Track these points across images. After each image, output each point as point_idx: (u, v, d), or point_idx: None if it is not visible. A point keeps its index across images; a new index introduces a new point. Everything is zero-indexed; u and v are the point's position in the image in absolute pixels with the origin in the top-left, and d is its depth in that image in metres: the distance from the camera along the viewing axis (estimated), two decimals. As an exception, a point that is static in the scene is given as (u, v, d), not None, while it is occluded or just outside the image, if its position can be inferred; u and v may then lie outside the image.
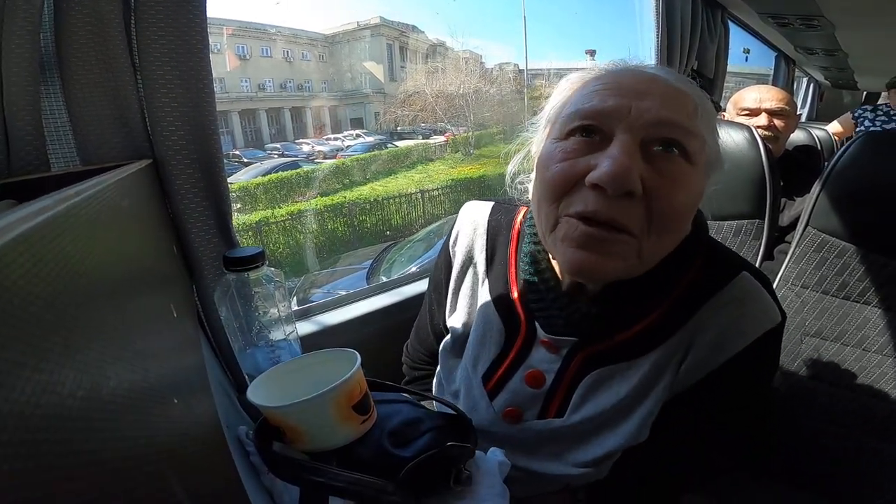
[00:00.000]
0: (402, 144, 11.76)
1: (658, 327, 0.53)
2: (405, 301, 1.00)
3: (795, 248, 0.84)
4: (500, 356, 0.60)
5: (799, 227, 0.84)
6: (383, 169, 10.23)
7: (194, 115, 0.59)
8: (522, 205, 0.64)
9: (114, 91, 0.56)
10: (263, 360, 0.62)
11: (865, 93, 4.19)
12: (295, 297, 3.19)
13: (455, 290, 0.67)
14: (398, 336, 0.84)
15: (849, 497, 0.79)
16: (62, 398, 0.18)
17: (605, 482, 0.57)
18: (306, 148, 12.01)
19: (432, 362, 0.74)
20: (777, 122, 1.31)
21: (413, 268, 2.72)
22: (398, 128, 13.02)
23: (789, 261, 0.85)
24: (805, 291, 0.83)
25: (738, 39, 2.29)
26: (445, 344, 0.67)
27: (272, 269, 0.61)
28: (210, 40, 0.60)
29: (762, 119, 1.31)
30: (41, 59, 0.53)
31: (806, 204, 0.83)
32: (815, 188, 0.81)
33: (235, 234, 0.67)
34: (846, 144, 0.79)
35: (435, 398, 0.62)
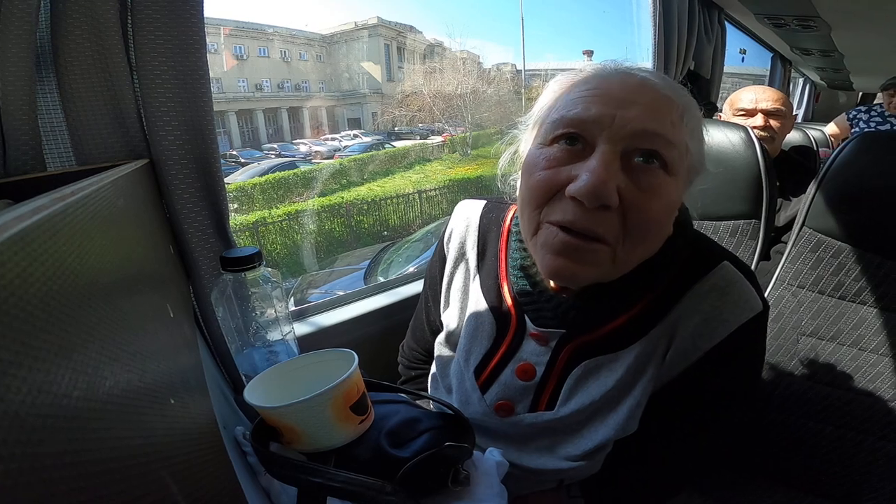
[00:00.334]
0: (400, 145, 11.77)
1: (642, 318, 0.54)
2: (403, 301, 1.00)
3: (791, 248, 0.85)
4: (492, 350, 0.61)
5: (795, 228, 0.85)
6: (381, 169, 10.23)
7: (191, 115, 0.59)
8: (513, 203, 0.65)
9: (110, 91, 0.56)
10: (261, 361, 0.61)
11: (861, 93, 4.21)
12: (292, 298, 3.19)
13: (448, 286, 0.68)
14: (396, 336, 0.83)
15: (846, 495, 0.79)
16: (57, 398, 0.18)
17: (599, 478, 0.58)
18: (303, 148, 12.00)
19: (428, 361, 0.74)
20: (773, 123, 1.32)
21: (410, 268, 2.72)
22: (396, 128, 13.03)
23: (785, 261, 0.86)
24: (801, 291, 0.84)
25: (735, 40, 2.30)
26: (440, 339, 0.69)
27: (269, 270, 0.61)
28: (207, 40, 0.60)
29: (758, 119, 1.31)
30: (37, 59, 0.52)
31: (802, 204, 0.83)
32: (811, 188, 0.82)
33: (232, 235, 0.67)
34: (842, 145, 0.80)
35: (432, 398, 0.62)
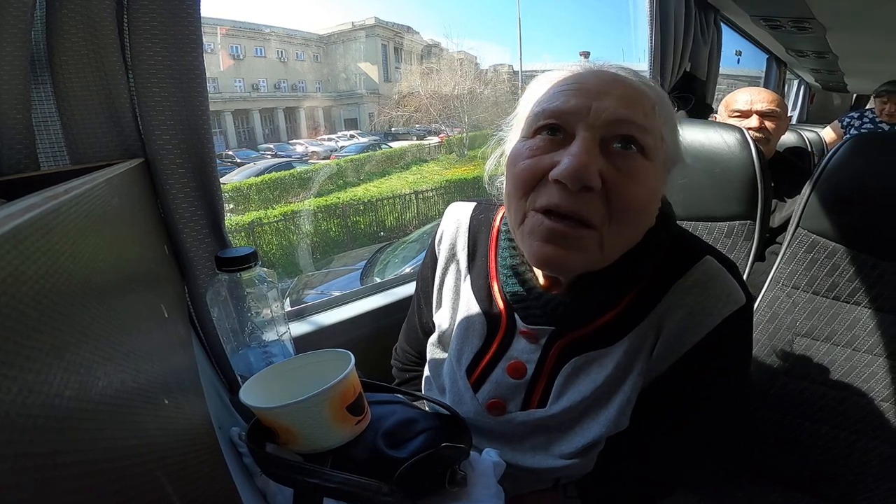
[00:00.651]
0: (397, 145, 11.75)
1: (629, 313, 0.55)
2: (399, 302, 1.00)
3: (786, 249, 0.85)
4: (483, 348, 0.61)
5: (790, 229, 0.85)
6: (377, 170, 10.22)
7: (187, 115, 0.59)
8: (502, 204, 0.66)
9: (105, 90, 0.55)
10: (256, 361, 0.61)
11: (855, 95, 4.23)
12: (288, 298, 3.17)
13: (440, 287, 0.69)
14: (392, 337, 0.83)
15: (841, 495, 0.80)
16: (49, 398, 0.18)
17: (595, 477, 0.58)
18: (300, 148, 11.96)
19: (421, 363, 0.74)
20: (768, 124, 1.32)
21: (407, 269, 2.72)
22: (392, 129, 13.01)
23: (780, 262, 0.86)
24: (796, 292, 0.84)
25: (731, 42, 2.31)
26: (432, 340, 0.69)
27: (265, 270, 0.60)
28: (204, 40, 0.60)
29: (753, 121, 1.32)
30: (32, 58, 0.52)
31: (796, 205, 0.84)
32: (806, 190, 0.82)
33: (228, 235, 0.66)
34: (836, 146, 0.80)
35: (429, 398, 0.62)
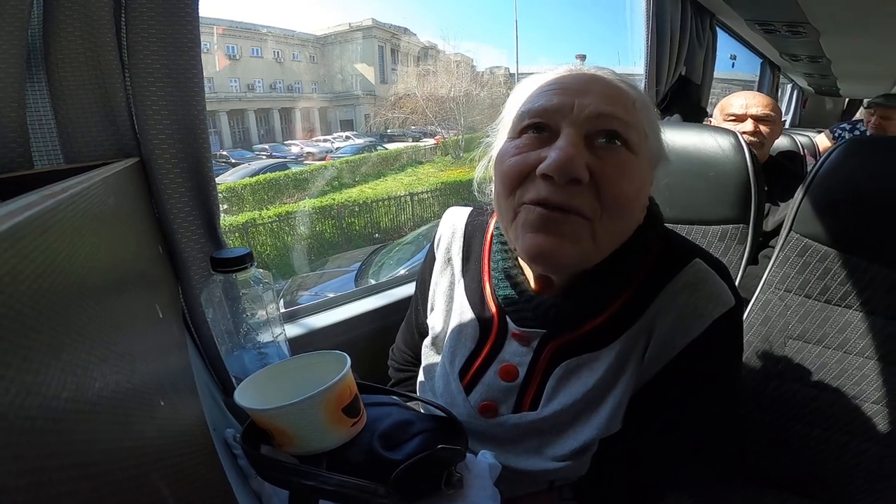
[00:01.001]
0: (392, 147, 11.75)
1: (620, 317, 0.55)
2: (394, 304, 0.99)
3: (779, 253, 0.86)
4: (475, 351, 0.62)
5: (782, 232, 0.86)
6: (373, 171, 10.21)
7: (183, 115, 0.58)
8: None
9: (101, 88, 0.55)
10: (251, 363, 0.61)
11: (847, 100, 4.28)
12: (283, 300, 3.16)
13: (435, 290, 0.70)
14: (388, 338, 0.83)
15: (832, 497, 0.80)
16: (47, 400, 0.18)
17: (590, 479, 0.58)
18: (295, 149, 11.94)
19: (416, 363, 0.75)
20: (762, 128, 1.33)
21: (402, 270, 2.72)
22: (388, 130, 13.01)
23: (773, 265, 0.87)
24: (788, 295, 0.85)
25: (726, 45, 2.33)
26: (426, 343, 0.70)
27: (260, 271, 0.60)
28: (201, 39, 0.59)
29: (748, 125, 1.33)
30: (27, 55, 0.52)
31: (789, 209, 0.84)
32: (799, 194, 0.83)
33: (223, 235, 0.66)
34: (829, 150, 0.81)
35: (425, 400, 0.62)
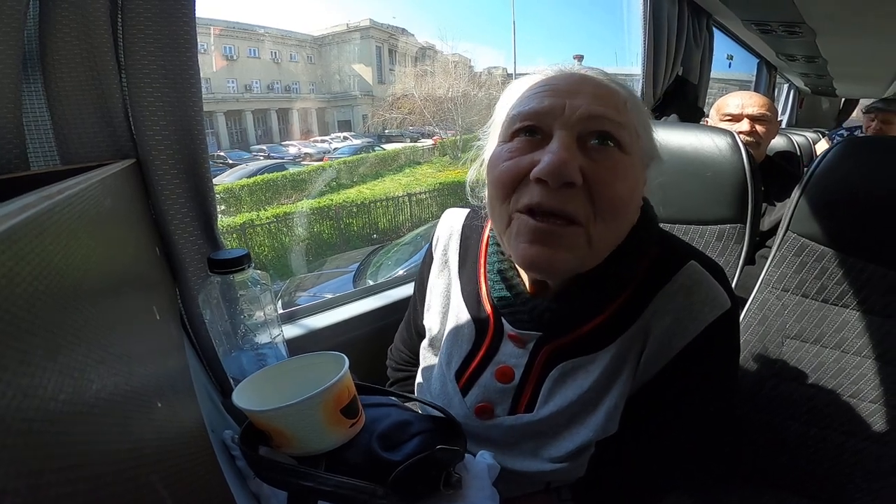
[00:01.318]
0: (390, 147, 11.75)
1: (615, 320, 0.55)
2: (392, 304, 0.99)
3: (776, 253, 0.86)
4: (472, 352, 0.62)
5: (779, 232, 0.86)
6: (371, 172, 10.20)
7: (180, 116, 0.58)
8: None
9: (97, 90, 0.55)
10: (249, 364, 0.61)
11: (844, 100, 4.30)
12: (280, 301, 3.16)
13: (432, 291, 0.70)
14: (386, 339, 0.83)
15: (830, 497, 0.80)
16: (44, 402, 0.17)
17: (588, 481, 0.58)
18: (293, 150, 11.92)
19: (414, 363, 0.75)
20: (759, 128, 1.34)
21: (400, 271, 2.72)
22: (386, 130, 13.01)
23: (770, 265, 0.87)
24: (786, 295, 0.85)
25: (722, 46, 2.34)
26: (423, 344, 0.70)
27: (258, 272, 0.60)
28: (197, 40, 0.59)
29: (744, 125, 1.33)
30: (23, 56, 0.51)
31: (786, 209, 0.84)
32: (795, 193, 0.83)
33: (220, 236, 0.66)
34: (825, 150, 0.81)
35: (423, 401, 0.62)
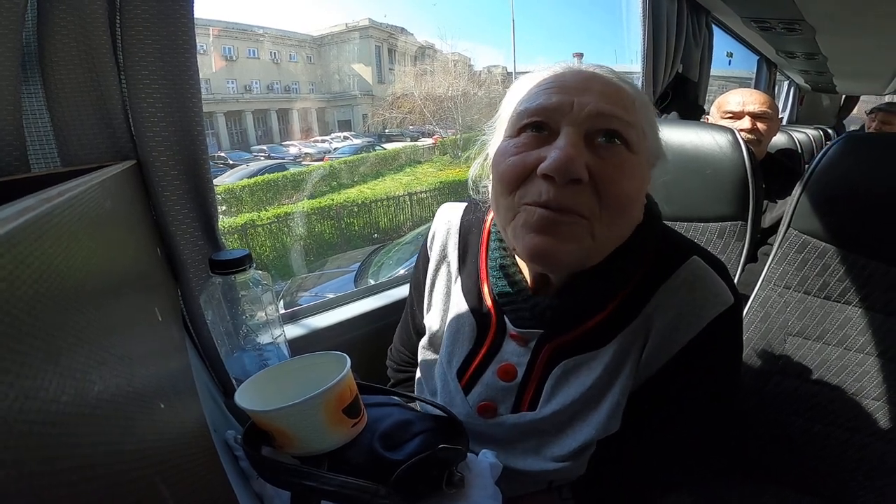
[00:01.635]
0: (390, 147, 11.74)
1: (617, 316, 0.55)
2: (395, 304, 0.99)
3: (777, 250, 0.86)
4: (473, 351, 0.61)
5: (780, 229, 0.86)
6: (371, 171, 10.20)
7: (180, 116, 0.58)
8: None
9: (97, 91, 0.55)
10: (251, 364, 0.61)
11: (844, 97, 4.29)
12: (282, 301, 3.16)
13: (431, 289, 0.69)
14: (387, 338, 0.83)
15: (834, 494, 0.80)
16: (45, 404, 0.18)
17: (589, 479, 0.58)
18: (293, 150, 11.92)
19: (414, 363, 0.75)
20: (760, 126, 1.34)
21: (401, 270, 2.71)
22: (386, 130, 12.99)
23: (771, 262, 0.87)
24: (787, 292, 0.85)
25: (722, 43, 2.33)
26: (423, 343, 0.69)
27: (259, 272, 0.60)
28: (196, 41, 0.59)
29: (745, 122, 1.33)
30: (22, 58, 0.51)
31: (787, 206, 0.84)
32: (796, 190, 0.83)
33: (221, 237, 0.66)
34: (826, 147, 0.81)
35: (425, 400, 0.62)
